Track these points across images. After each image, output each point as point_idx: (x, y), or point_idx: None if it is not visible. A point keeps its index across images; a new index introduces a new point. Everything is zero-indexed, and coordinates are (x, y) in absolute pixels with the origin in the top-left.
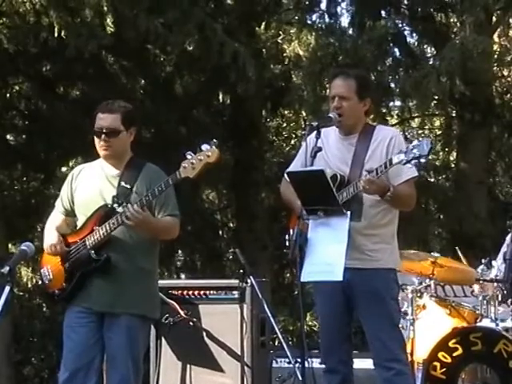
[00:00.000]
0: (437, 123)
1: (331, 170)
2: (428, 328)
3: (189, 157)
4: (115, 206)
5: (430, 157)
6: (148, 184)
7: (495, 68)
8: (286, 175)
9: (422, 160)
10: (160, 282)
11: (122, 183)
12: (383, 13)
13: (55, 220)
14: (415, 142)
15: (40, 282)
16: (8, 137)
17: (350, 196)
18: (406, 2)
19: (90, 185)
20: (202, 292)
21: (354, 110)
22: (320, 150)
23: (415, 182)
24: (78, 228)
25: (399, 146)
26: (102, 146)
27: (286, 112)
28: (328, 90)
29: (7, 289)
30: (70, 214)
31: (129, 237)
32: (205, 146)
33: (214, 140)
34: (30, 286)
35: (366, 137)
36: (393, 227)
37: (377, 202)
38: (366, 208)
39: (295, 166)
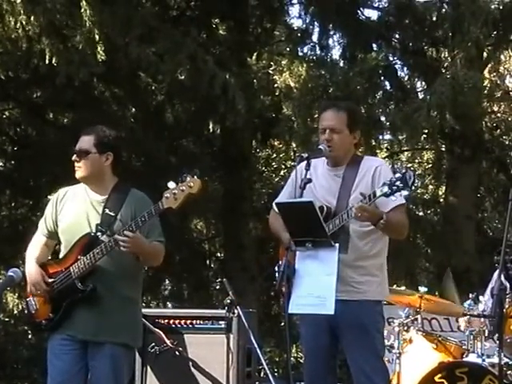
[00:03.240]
0: (426, 157)
1: (318, 201)
2: (414, 362)
3: (171, 186)
4: (99, 234)
5: (415, 189)
6: (133, 212)
7: (485, 103)
8: (274, 206)
9: (405, 192)
10: (147, 310)
11: (107, 210)
12: (374, 46)
13: (37, 246)
14: (398, 175)
15: (26, 312)
16: None
17: (336, 228)
18: (397, 36)
19: (75, 208)
20: (188, 321)
21: (344, 143)
22: (310, 181)
23: (405, 210)
24: (61, 256)
25: (385, 175)
26: (75, 166)
27: (275, 143)
28: (318, 122)
29: None
30: (53, 236)
31: (113, 266)
32: (187, 176)
33: (196, 171)
34: (15, 312)
35: (353, 168)
36: (381, 259)
37: (364, 233)
38: (353, 239)
39: (283, 196)
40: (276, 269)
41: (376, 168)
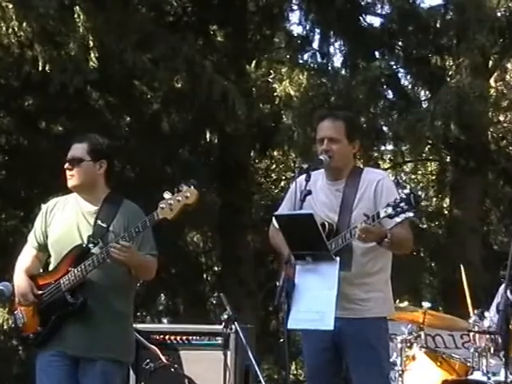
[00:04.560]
0: (430, 168)
1: (319, 217)
2: (417, 380)
3: (167, 197)
4: (90, 246)
5: (421, 204)
6: (126, 223)
7: (491, 113)
8: (274, 219)
9: (410, 214)
10: (141, 326)
11: (99, 222)
12: (377, 54)
13: (26, 258)
14: (402, 195)
15: (14, 325)
16: None
17: (339, 247)
18: (400, 44)
19: (66, 219)
20: (184, 337)
21: (343, 153)
22: (310, 193)
23: (409, 224)
24: (51, 268)
25: (387, 190)
26: (67, 175)
27: (275, 153)
28: (315, 132)
29: None
30: (43, 248)
31: (104, 279)
32: (183, 187)
33: (192, 180)
34: (5, 327)
35: (353, 181)
36: (385, 274)
37: (367, 249)
38: (356, 256)
39: (283, 209)
40: (276, 283)
41: (378, 182)
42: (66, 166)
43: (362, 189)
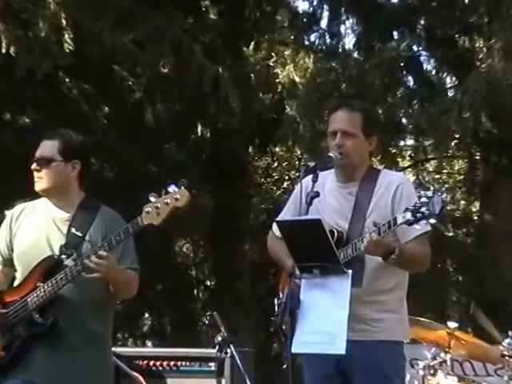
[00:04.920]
0: (457, 167)
1: (327, 224)
2: None
3: (153, 199)
4: (63, 257)
5: (445, 210)
6: (103, 231)
7: None
8: (275, 225)
9: (432, 221)
10: (122, 350)
11: (73, 230)
12: (395, 34)
13: None
14: (424, 198)
15: None
16: None
17: (348, 258)
18: (422, 22)
19: (34, 228)
20: (172, 363)
21: (358, 150)
22: (317, 195)
23: (429, 236)
24: (17, 283)
25: (407, 196)
26: (34, 177)
27: (277, 149)
28: (327, 125)
29: None
30: (8, 263)
31: (79, 296)
32: (172, 188)
33: (183, 180)
34: None
35: (368, 185)
36: (401, 292)
37: (382, 263)
38: (368, 270)
39: (285, 213)
40: (276, 300)
41: (397, 187)
42: (34, 166)
43: (378, 193)
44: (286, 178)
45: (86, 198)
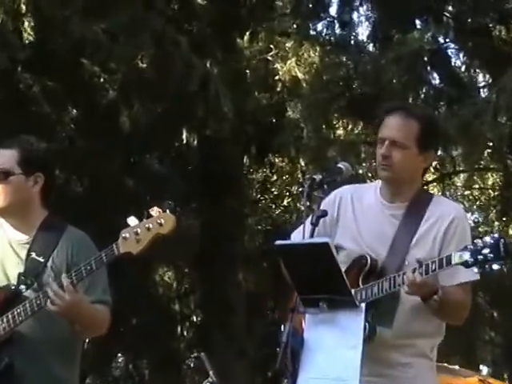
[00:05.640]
0: (491, 181)
1: (359, 248)
2: None
3: (132, 223)
4: (22, 287)
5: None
6: (70, 257)
7: None
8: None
9: (495, 266)
10: None
11: (33, 255)
12: (418, 22)
13: None
14: (487, 239)
15: None
16: None
17: (382, 294)
18: (450, 9)
19: None
20: None
21: (408, 164)
22: (325, 214)
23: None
24: None
25: (461, 234)
26: None
27: (276, 160)
28: (337, 132)
29: None
30: None
31: (40, 333)
32: (155, 210)
33: (169, 202)
34: None
35: (417, 210)
36: (438, 339)
37: (420, 303)
38: (403, 310)
39: (299, 234)
40: (276, 334)
41: (452, 220)
42: None
43: (427, 223)
44: (287, 193)
45: (48, 217)
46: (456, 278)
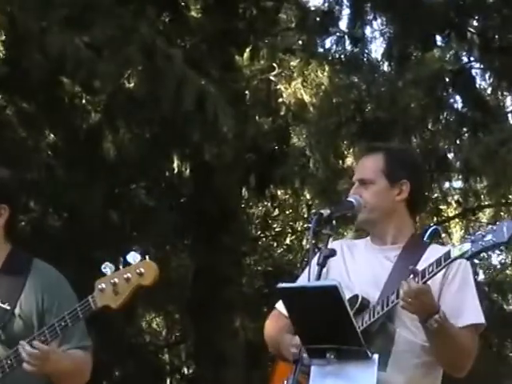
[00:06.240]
0: None
1: (351, 292)
2: None
3: (108, 272)
4: None
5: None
6: (39, 302)
7: None
8: (278, 306)
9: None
10: None
11: None
12: (438, 39)
13: None
14: (490, 226)
15: None
16: None
17: (374, 318)
18: (475, 24)
19: None
20: None
21: (381, 201)
22: (333, 254)
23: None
24: None
25: (463, 277)
26: None
27: (279, 192)
28: (347, 162)
29: None
30: None
31: None
32: (133, 257)
33: (147, 254)
34: None
35: (413, 252)
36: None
37: (416, 347)
38: (399, 354)
39: (305, 278)
40: None
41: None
42: None
43: (426, 262)
44: (290, 230)
45: (12, 252)
46: (461, 319)
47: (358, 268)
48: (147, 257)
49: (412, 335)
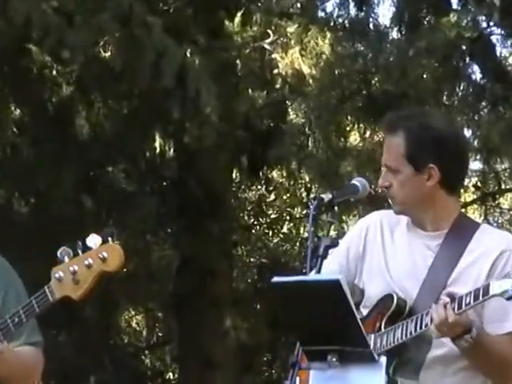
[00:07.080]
0: None
1: (389, 288)
2: None
3: (65, 258)
4: None
5: None
6: None
7: None
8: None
9: None
10: None
11: None
12: (454, 3)
13: None
14: None
15: None
16: None
17: (406, 338)
18: None
19: None
20: None
21: (409, 191)
22: (335, 244)
23: None
24: None
25: None
26: None
27: (274, 174)
28: (350, 140)
29: None
30: None
31: None
32: (93, 239)
33: (109, 230)
34: None
35: (458, 239)
36: None
37: (455, 353)
38: (433, 361)
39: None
40: None
41: (501, 254)
42: None
43: (469, 256)
44: (288, 217)
45: None
46: (504, 326)
47: (397, 256)
48: (110, 239)
49: (446, 342)
